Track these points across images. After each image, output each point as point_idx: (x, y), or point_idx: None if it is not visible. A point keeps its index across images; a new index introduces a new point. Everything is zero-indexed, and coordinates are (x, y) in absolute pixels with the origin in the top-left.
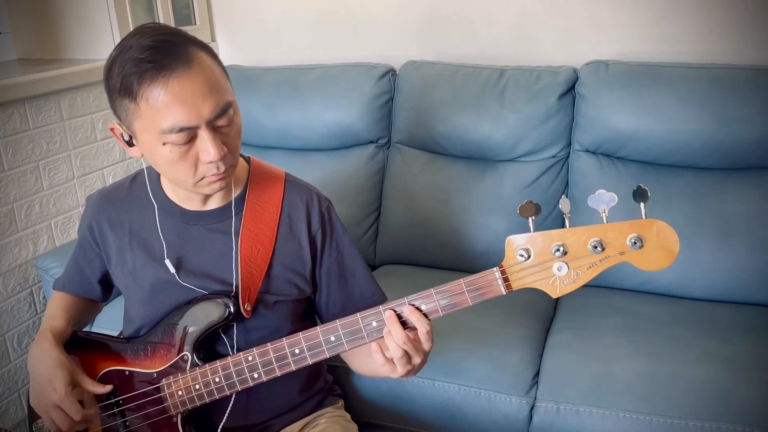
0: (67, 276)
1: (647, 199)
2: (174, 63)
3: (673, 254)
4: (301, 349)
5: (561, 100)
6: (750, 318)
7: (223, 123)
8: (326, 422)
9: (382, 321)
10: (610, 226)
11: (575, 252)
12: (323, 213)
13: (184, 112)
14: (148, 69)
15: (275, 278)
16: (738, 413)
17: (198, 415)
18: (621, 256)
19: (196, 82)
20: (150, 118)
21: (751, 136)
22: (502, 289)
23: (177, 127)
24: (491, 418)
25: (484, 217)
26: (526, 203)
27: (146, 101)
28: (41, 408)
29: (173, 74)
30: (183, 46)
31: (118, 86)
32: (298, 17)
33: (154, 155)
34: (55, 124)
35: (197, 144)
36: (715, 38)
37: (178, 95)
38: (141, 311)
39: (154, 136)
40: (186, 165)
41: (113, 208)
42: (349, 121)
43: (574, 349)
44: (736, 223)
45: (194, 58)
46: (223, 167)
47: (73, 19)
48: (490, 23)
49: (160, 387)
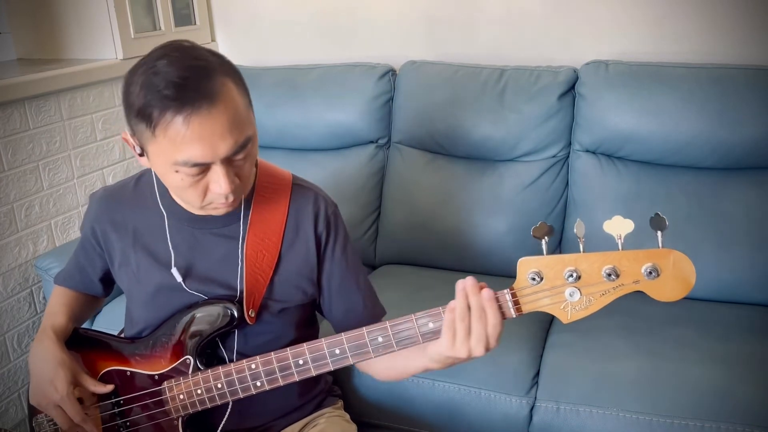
0: (68, 272)
1: (665, 227)
2: (198, 100)
3: (689, 286)
4: (305, 360)
5: (561, 100)
6: (750, 318)
7: (240, 157)
8: (326, 422)
9: (388, 336)
10: (626, 254)
11: (588, 278)
12: (329, 216)
13: (201, 149)
14: (172, 105)
15: (281, 283)
16: (738, 413)
17: (198, 417)
18: (635, 284)
19: (217, 121)
20: (165, 148)
21: (751, 136)
22: (512, 312)
23: (191, 162)
24: (491, 418)
25: (484, 217)
26: (540, 224)
27: (164, 133)
28: (42, 406)
29: (195, 112)
30: (209, 78)
31: (136, 109)
32: (298, 17)
33: (164, 177)
34: (55, 124)
35: (209, 175)
36: (715, 38)
37: (197, 133)
38: (144, 313)
39: (167, 163)
40: (196, 192)
41: (117, 208)
42: (349, 121)
43: (574, 349)
44: (736, 223)
45: (219, 92)
46: (233, 197)
47: (73, 19)
48: (490, 23)
49: (161, 390)
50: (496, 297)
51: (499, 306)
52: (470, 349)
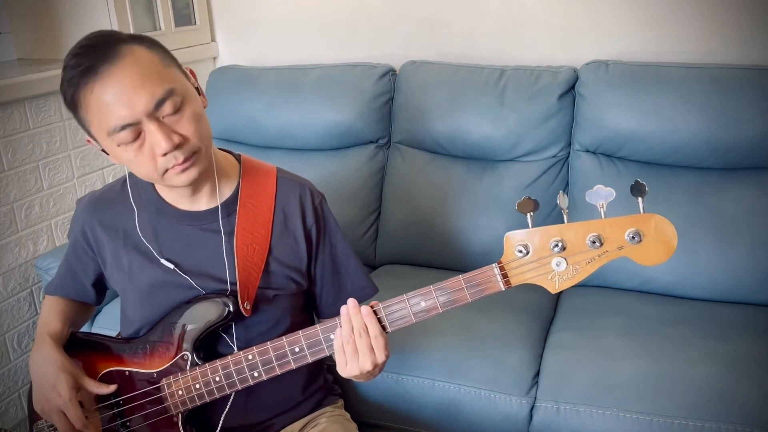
0: (59, 280)
1: (645, 193)
2: (98, 63)
3: (671, 248)
4: (301, 347)
5: (561, 100)
6: (750, 318)
7: (168, 111)
8: (326, 421)
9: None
10: (609, 221)
11: (574, 247)
12: (317, 207)
13: (119, 109)
14: (76, 76)
15: (273, 274)
16: (738, 413)
17: (198, 415)
18: (619, 251)
19: (124, 77)
20: (96, 123)
21: (751, 136)
22: (501, 285)
23: (118, 126)
24: (491, 418)
25: (484, 217)
26: (525, 199)
27: (86, 109)
28: (45, 412)
29: (98, 75)
30: (108, 45)
31: (67, 103)
32: (298, 17)
33: (117, 158)
34: (55, 124)
35: (148, 138)
36: (715, 38)
37: (109, 94)
38: (139, 312)
39: (108, 140)
40: (145, 160)
41: (105, 210)
42: (349, 121)
43: (574, 349)
44: (736, 223)
45: (121, 53)
46: (182, 156)
47: (73, 19)
48: (490, 23)
49: (160, 387)
50: (374, 311)
51: (378, 319)
52: (360, 366)
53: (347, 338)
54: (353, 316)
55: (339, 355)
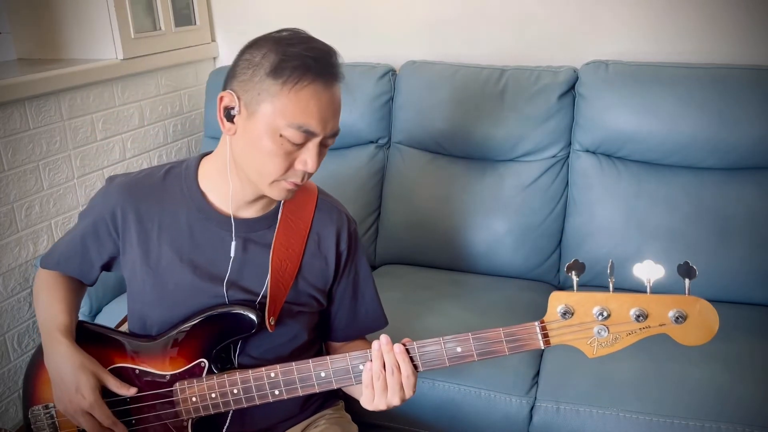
0: (64, 255)
1: (694, 276)
2: (332, 77)
3: (712, 333)
4: (328, 373)
5: (561, 100)
6: (750, 318)
7: (328, 144)
8: (326, 423)
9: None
10: (654, 298)
11: (617, 318)
12: (351, 234)
13: (319, 118)
14: (314, 68)
15: (299, 292)
16: (738, 413)
17: (204, 420)
18: (661, 327)
19: (335, 101)
20: (289, 108)
21: (751, 136)
22: (541, 343)
23: (305, 127)
24: (491, 418)
25: (484, 217)
26: (574, 261)
27: (297, 92)
28: (69, 413)
29: (328, 85)
30: (339, 70)
31: (269, 66)
32: (298, 17)
33: (258, 140)
34: (55, 124)
35: (301, 151)
36: (715, 38)
37: (322, 103)
38: (157, 309)
39: (277, 125)
40: (282, 163)
41: (144, 198)
42: (349, 121)
43: (574, 350)
44: (736, 223)
45: (341, 80)
46: (305, 180)
47: (73, 19)
48: (490, 23)
49: (172, 391)
50: (407, 349)
51: (410, 358)
52: (387, 402)
53: (378, 374)
54: (386, 353)
55: (367, 389)
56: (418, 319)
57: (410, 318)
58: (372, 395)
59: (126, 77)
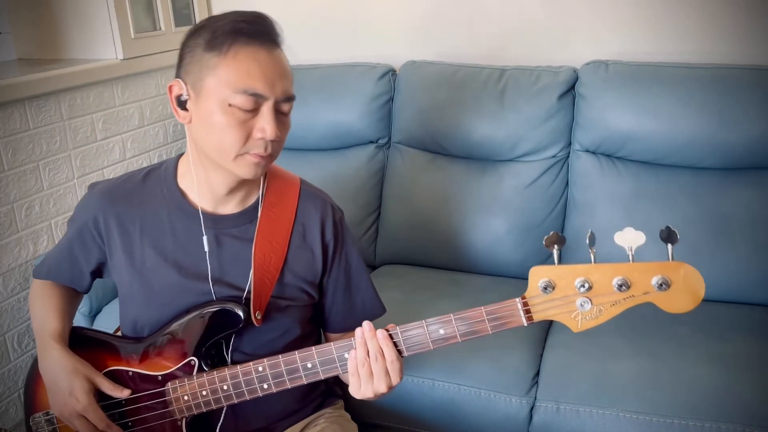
0: (54, 264)
1: (676, 241)
2: (267, 38)
3: (698, 299)
4: (314, 364)
5: (561, 100)
6: (750, 318)
7: (284, 110)
8: (326, 422)
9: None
10: (637, 266)
11: (599, 289)
12: (337, 223)
13: (263, 80)
14: (245, 31)
15: (286, 285)
16: (738, 413)
17: (198, 418)
18: (645, 296)
19: (279, 62)
20: (231, 74)
21: (751, 136)
22: (524, 320)
23: (251, 90)
24: (491, 418)
25: (484, 217)
26: (551, 234)
27: (234, 57)
28: (64, 417)
29: (264, 46)
30: (275, 32)
31: (205, 41)
32: (298, 17)
33: (210, 117)
34: (55, 124)
35: (257, 119)
36: (715, 38)
37: (263, 64)
38: (146, 311)
39: (224, 95)
40: (239, 133)
41: (123, 202)
42: (349, 121)
43: (574, 349)
44: (736, 223)
45: (280, 44)
46: (269, 150)
47: (73, 19)
48: (490, 23)
49: (165, 390)
50: (390, 335)
51: (394, 343)
52: (374, 389)
53: (362, 361)
54: (369, 339)
55: (353, 377)
56: (418, 319)
57: (410, 318)
58: (358, 383)
59: (126, 77)
